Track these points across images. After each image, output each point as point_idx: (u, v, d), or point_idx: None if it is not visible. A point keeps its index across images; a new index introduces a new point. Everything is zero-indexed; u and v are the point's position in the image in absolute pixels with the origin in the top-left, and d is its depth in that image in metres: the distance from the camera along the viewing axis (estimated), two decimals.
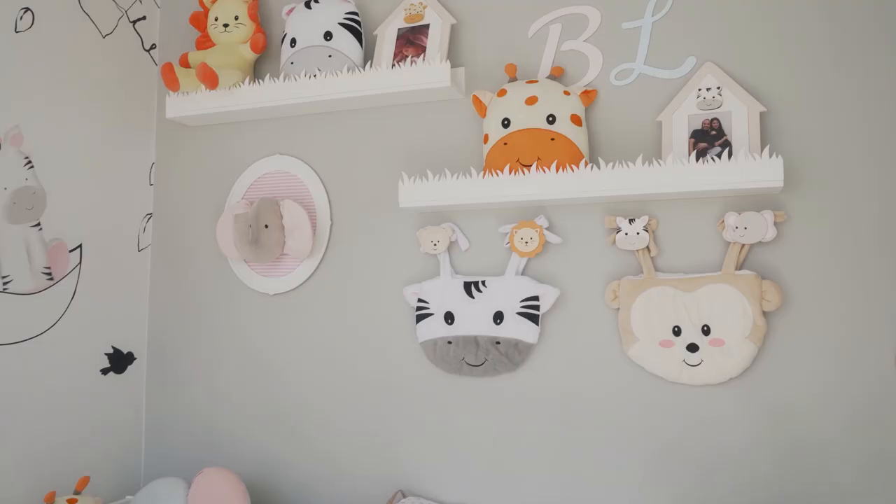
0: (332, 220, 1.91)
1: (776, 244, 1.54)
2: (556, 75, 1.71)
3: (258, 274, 1.97)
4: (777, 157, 1.45)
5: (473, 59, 1.81)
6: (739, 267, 1.55)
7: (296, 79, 1.83)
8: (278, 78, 1.87)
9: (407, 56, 1.79)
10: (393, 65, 1.78)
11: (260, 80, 1.87)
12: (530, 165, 1.62)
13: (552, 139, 1.62)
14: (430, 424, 1.78)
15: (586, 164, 1.61)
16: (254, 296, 1.98)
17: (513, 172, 1.62)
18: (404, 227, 1.83)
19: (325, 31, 1.85)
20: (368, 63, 1.82)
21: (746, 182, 1.46)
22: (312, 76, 1.82)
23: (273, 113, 1.94)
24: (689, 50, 1.63)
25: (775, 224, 1.51)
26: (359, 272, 1.87)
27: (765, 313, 1.51)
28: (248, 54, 1.95)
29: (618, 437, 1.63)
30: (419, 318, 1.76)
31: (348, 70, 1.81)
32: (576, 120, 1.63)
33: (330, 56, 1.83)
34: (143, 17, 2.11)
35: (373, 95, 1.78)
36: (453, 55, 1.81)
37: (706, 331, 1.53)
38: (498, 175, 1.63)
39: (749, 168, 1.46)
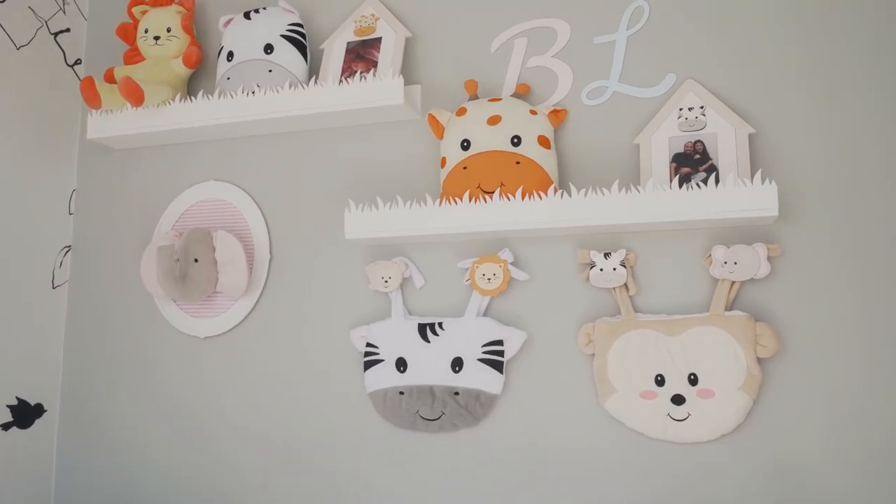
0: (271, 253, 1.70)
1: (770, 281, 1.36)
2: (522, 93, 1.53)
3: (188, 315, 1.74)
4: (770, 182, 1.28)
5: (430, 76, 1.63)
6: (729, 307, 1.37)
7: (232, 96, 1.63)
8: (212, 95, 1.67)
9: (356, 71, 1.60)
10: (340, 80, 1.60)
11: (192, 98, 1.67)
12: (493, 192, 1.43)
13: (517, 163, 1.44)
14: (380, 486, 1.56)
15: (555, 190, 1.42)
16: (183, 339, 1.74)
17: (473, 200, 1.43)
18: (352, 262, 1.63)
19: (265, 43, 1.66)
20: (313, 79, 1.63)
21: (736, 211, 1.29)
22: (250, 93, 1.63)
23: (207, 134, 1.74)
24: (669, 66, 1.47)
25: (769, 259, 1.34)
26: (300, 313, 1.66)
27: (759, 360, 1.32)
28: (181, 69, 1.76)
29: (593, 502, 1.42)
30: (367, 366, 1.54)
31: (290, 86, 1.62)
32: (543, 142, 1.46)
33: (270, 71, 1.64)
34: (67, 30, 1.91)
35: (318, 114, 1.59)
36: (408, 71, 1.64)
37: (693, 380, 1.34)
38: (456, 203, 1.44)
39: (739, 195, 1.29)
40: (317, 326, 1.64)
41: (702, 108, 1.42)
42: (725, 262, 1.35)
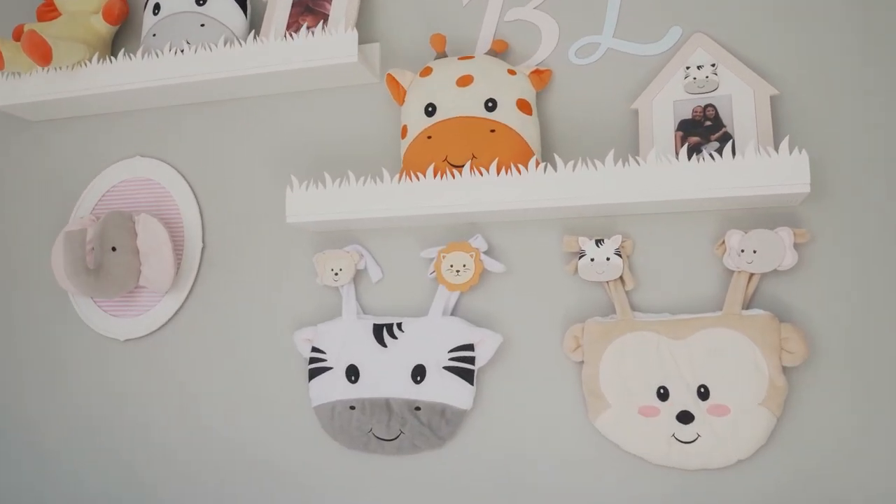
0: (204, 241, 1.44)
1: (797, 273, 1.12)
2: (499, 51, 1.29)
3: (106, 313, 1.48)
4: (801, 152, 1.04)
5: (392, 33, 1.38)
6: (748, 305, 1.13)
7: (157, 55, 1.38)
8: (135, 55, 1.41)
9: (303, 25, 1.35)
10: (284, 36, 1.34)
11: (112, 58, 1.41)
12: (462, 166, 1.18)
13: (492, 131, 1.19)
14: None
15: (537, 163, 1.18)
16: (100, 342, 1.48)
17: (438, 176, 1.19)
18: (298, 252, 1.38)
19: None
20: (252, 34, 1.37)
21: (759, 188, 1.05)
22: (178, 51, 1.37)
23: (132, 102, 1.48)
24: (673, 17, 1.23)
25: (795, 246, 1.10)
26: (237, 311, 1.40)
27: (785, 369, 1.08)
28: (101, 26, 1.50)
29: None
30: (313, 374, 1.29)
31: (226, 43, 1.37)
32: (523, 106, 1.21)
33: (203, 25, 1.39)
34: None
35: (259, 76, 1.34)
36: (366, 28, 1.39)
37: (703, 393, 1.10)
38: (418, 179, 1.19)
39: (762, 168, 1.05)
40: (256, 328, 1.38)
41: (713, 66, 1.18)
42: (743, 251, 1.11)
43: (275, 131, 1.42)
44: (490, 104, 1.21)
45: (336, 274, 1.31)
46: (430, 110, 1.24)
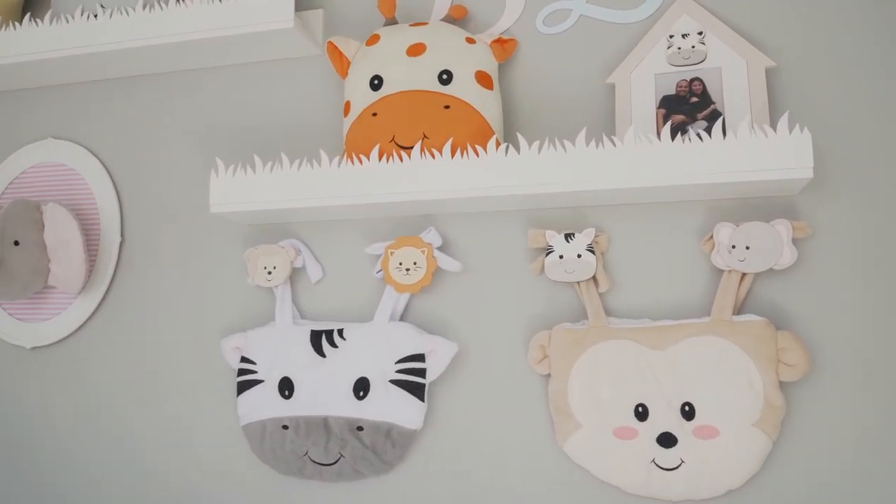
0: (122, 235, 1.27)
1: (795, 273, 0.97)
2: (457, 18, 1.13)
3: (11, 316, 1.30)
4: (803, 130, 0.89)
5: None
6: (739, 309, 0.97)
7: (67, 20, 1.20)
8: (42, 20, 1.23)
9: None
10: None
11: (17, 25, 1.23)
12: (411, 148, 1.02)
13: (446, 107, 1.03)
14: None
15: (498, 144, 1.02)
16: (4, 349, 1.30)
17: (385, 159, 1.02)
18: (229, 247, 1.20)
19: None
20: None
21: (753, 172, 0.90)
22: (91, 16, 1.19)
23: (41, 76, 1.30)
24: None
25: (794, 241, 0.95)
26: (159, 315, 1.22)
27: (783, 385, 0.93)
28: None
29: None
30: (241, 388, 1.12)
31: (145, 6, 1.19)
32: (483, 79, 1.05)
33: None
34: None
35: (182, 44, 1.16)
36: None
37: (688, 412, 0.94)
38: (360, 163, 1.03)
39: (757, 150, 0.90)
40: (180, 334, 1.21)
41: (700, 34, 1.02)
42: (734, 247, 0.96)
43: (204, 110, 1.25)
44: (445, 76, 1.05)
45: (269, 273, 1.14)
46: (376, 83, 1.07)
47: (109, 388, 1.23)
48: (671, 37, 1.03)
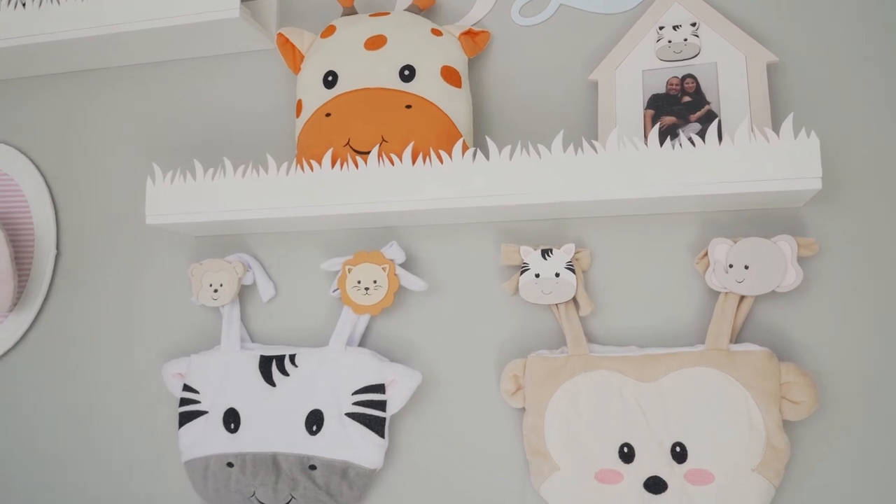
0: (58, 247, 1.15)
1: (801, 296, 0.86)
2: (423, 7, 1.01)
3: None
4: (810, 134, 0.77)
5: None
6: (737, 337, 0.86)
7: None
8: None
9: None
10: None
11: None
12: (368, 153, 0.91)
13: (407, 107, 0.92)
14: None
15: (465, 148, 0.90)
16: None
17: (338, 165, 0.91)
18: (173, 261, 1.09)
19: None
20: None
21: (754, 182, 0.78)
22: (20, 4, 1.08)
23: None
24: None
25: (798, 260, 0.84)
26: (97, 335, 1.11)
27: (787, 424, 0.82)
28: None
29: None
30: (183, 419, 1.00)
31: None
32: (450, 76, 0.94)
33: None
34: None
35: (116, 36, 1.05)
36: None
37: (680, 454, 0.83)
38: (311, 169, 0.91)
39: (757, 157, 0.78)
40: (119, 358, 1.09)
41: (693, 25, 0.91)
42: (731, 266, 0.84)
43: (148, 110, 1.13)
44: (406, 72, 0.93)
45: (215, 291, 1.02)
46: (331, 80, 0.95)
47: (41, 416, 1.11)
48: (661, 28, 0.92)
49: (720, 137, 0.84)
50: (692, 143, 0.81)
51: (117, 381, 1.09)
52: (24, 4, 1.08)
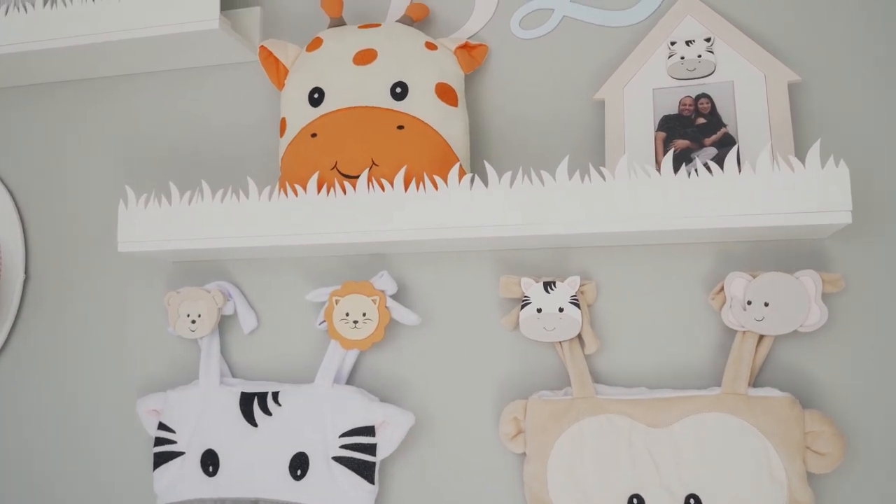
0: (27, 271, 1.08)
1: (825, 336, 0.80)
2: (417, 18, 0.94)
3: None
4: (839, 164, 0.71)
5: None
6: (756, 380, 0.80)
7: None
8: None
9: None
10: None
11: None
12: (357, 177, 0.84)
13: (399, 127, 0.85)
14: None
15: (462, 174, 0.83)
16: None
17: (325, 190, 0.84)
18: (148, 287, 1.02)
19: None
20: None
21: (777, 215, 0.72)
22: None
23: None
24: None
25: (823, 297, 0.77)
26: (68, 367, 1.04)
27: (811, 477, 0.76)
28: None
29: None
30: (159, 460, 0.93)
31: (47, 2, 1.00)
32: (446, 94, 0.87)
33: None
34: None
35: (90, 48, 0.98)
36: None
37: None
38: (297, 195, 0.84)
39: (782, 189, 0.72)
40: (92, 390, 1.02)
41: (708, 40, 0.84)
42: (750, 303, 0.78)
43: (122, 126, 1.06)
44: (398, 90, 0.86)
45: (193, 322, 0.95)
46: (317, 97, 0.88)
47: (7, 450, 1.04)
48: (673, 44, 0.85)
49: (740, 166, 0.77)
50: (709, 170, 0.74)
51: (89, 415, 1.01)
52: None
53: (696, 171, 0.75)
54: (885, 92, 0.81)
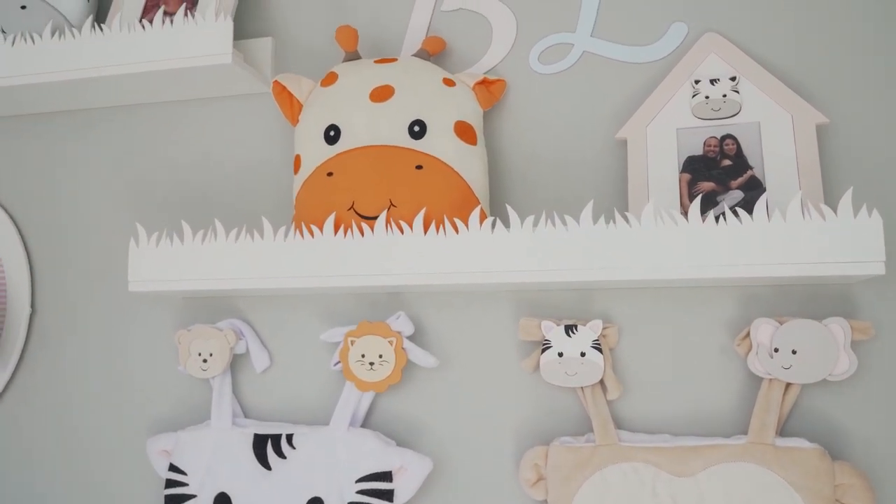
0: (33, 306, 1.05)
1: (854, 385, 0.78)
2: (433, 52, 0.92)
3: None
4: (872, 213, 0.69)
5: (291, 25, 1.01)
6: (783, 428, 0.78)
7: None
8: None
9: (160, 8, 0.97)
10: (141, 23, 0.95)
11: None
12: (375, 218, 0.82)
13: (418, 167, 0.83)
14: None
15: (483, 217, 0.81)
16: None
17: (343, 232, 0.82)
18: (158, 324, 1.00)
19: None
20: (92, 20, 0.98)
21: (809, 265, 0.70)
22: None
23: None
24: (675, 10, 0.88)
25: (852, 345, 0.76)
26: (75, 403, 1.02)
27: None
28: None
29: None
30: (170, 503, 0.91)
31: (55, 33, 0.98)
32: (465, 132, 0.85)
33: (24, 7, 1.00)
34: None
35: (99, 80, 0.96)
36: (255, 16, 1.02)
37: None
38: (312, 236, 0.83)
39: (814, 239, 0.70)
40: (100, 427, 1.00)
41: (733, 79, 0.83)
42: (777, 350, 0.76)
43: (131, 157, 1.04)
44: (416, 128, 0.84)
45: (205, 360, 0.93)
46: (333, 135, 0.87)
47: (14, 489, 1.02)
48: (697, 82, 0.83)
49: (768, 210, 0.76)
50: (737, 217, 0.73)
51: (96, 453, 1.00)
52: None
53: (723, 217, 0.73)
54: None
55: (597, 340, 0.82)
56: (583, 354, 0.82)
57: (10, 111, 1.08)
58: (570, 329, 0.82)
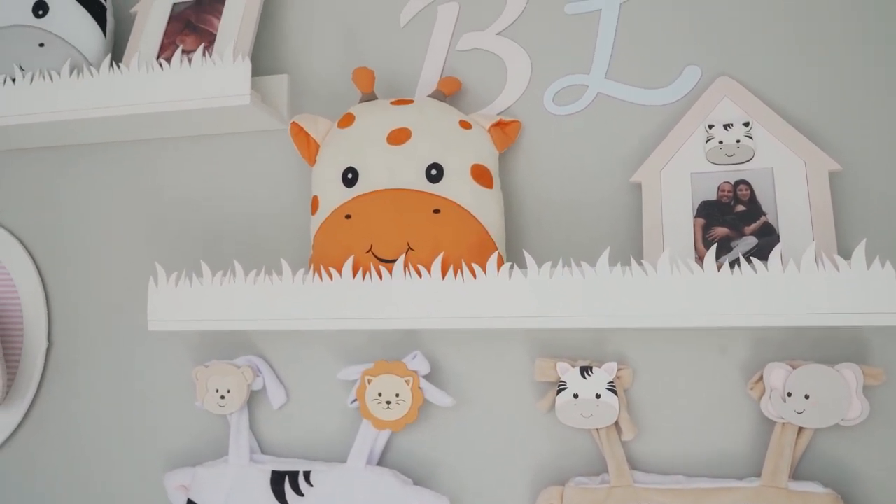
0: (50, 339, 1.07)
1: (866, 430, 0.79)
2: (448, 93, 0.93)
3: None
4: (885, 265, 0.71)
5: (306, 63, 1.02)
6: (796, 471, 0.79)
7: None
8: None
9: (178, 48, 0.98)
10: (159, 62, 0.96)
11: None
12: (393, 261, 0.83)
13: (436, 211, 0.84)
14: None
15: (501, 260, 0.83)
16: None
17: (361, 275, 0.83)
18: (175, 359, 1.01)
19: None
20: (108, 59, 0.99)
21: (823, 316, 0.71)
22: (8, 80, 0.99)
23: None
24: (689, 53, 0.89)
25: (864, 390, 0.77)
26: (92, 437, 1.03)
27: None
28: None
29: None
30: None
31: (73, 72, 0.99)
32: (482, 176, 0.86)
33: (42, 45, 1.01)
34: None
35: (114, 119, 0.97)
36: (271, 54, 1.03)
37: None
38: (331, 278, 0.84)
39: (828, 289, 0.71)
40: (117, 462, 1.01)
41: (746, 124, 0.84)
42: (790, 394, 0.77)
43: (149, 192, 1.05)
44: (434, 171, 0.85)
45: (222, 397, 0.94)
46: (350, 177, 0.88)
47: None
48: (710, 127, 0.85)
49: (783, 260, 0.77)
50: (751, 265, 0.74)
51: (113, 488, 1.01)
52: (13, 80, 1.00)
53: (738, 265, 0.74)
54: None
55: (612, 382, 0.83)
56: (598, 396, 0.83)
57: (26, 144, 1.09)
58: (585, 371, 0.83)
